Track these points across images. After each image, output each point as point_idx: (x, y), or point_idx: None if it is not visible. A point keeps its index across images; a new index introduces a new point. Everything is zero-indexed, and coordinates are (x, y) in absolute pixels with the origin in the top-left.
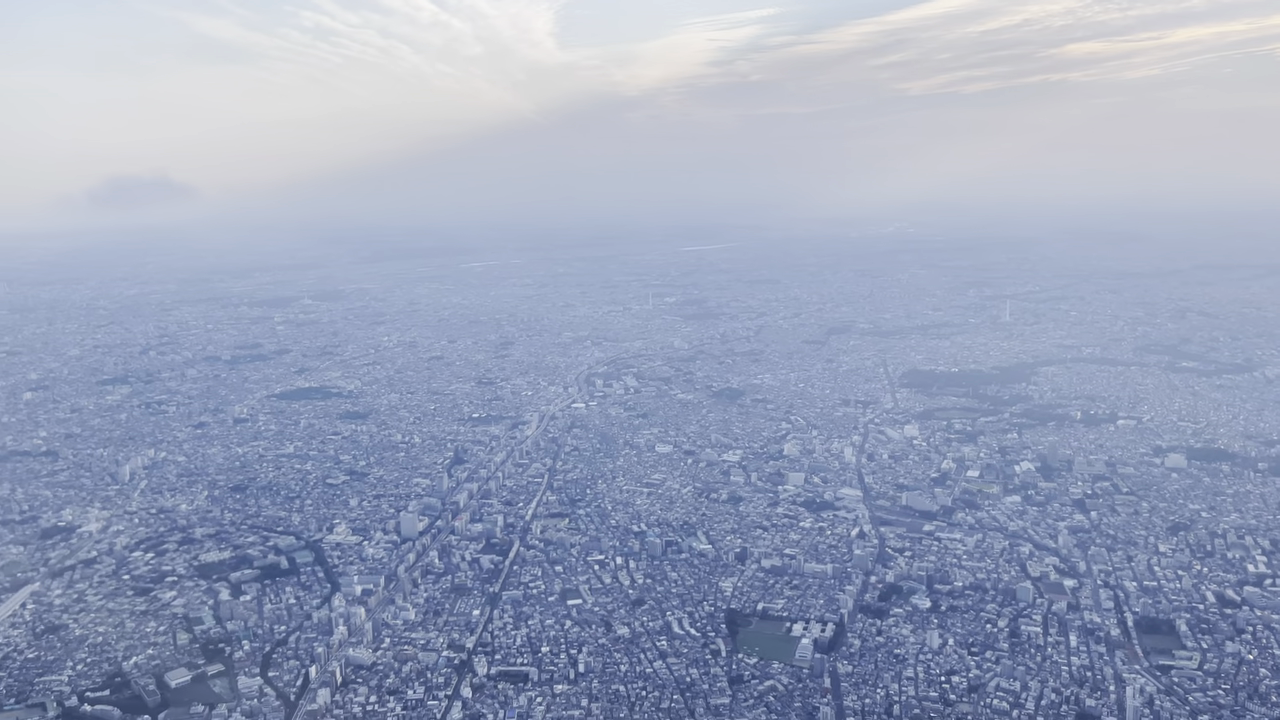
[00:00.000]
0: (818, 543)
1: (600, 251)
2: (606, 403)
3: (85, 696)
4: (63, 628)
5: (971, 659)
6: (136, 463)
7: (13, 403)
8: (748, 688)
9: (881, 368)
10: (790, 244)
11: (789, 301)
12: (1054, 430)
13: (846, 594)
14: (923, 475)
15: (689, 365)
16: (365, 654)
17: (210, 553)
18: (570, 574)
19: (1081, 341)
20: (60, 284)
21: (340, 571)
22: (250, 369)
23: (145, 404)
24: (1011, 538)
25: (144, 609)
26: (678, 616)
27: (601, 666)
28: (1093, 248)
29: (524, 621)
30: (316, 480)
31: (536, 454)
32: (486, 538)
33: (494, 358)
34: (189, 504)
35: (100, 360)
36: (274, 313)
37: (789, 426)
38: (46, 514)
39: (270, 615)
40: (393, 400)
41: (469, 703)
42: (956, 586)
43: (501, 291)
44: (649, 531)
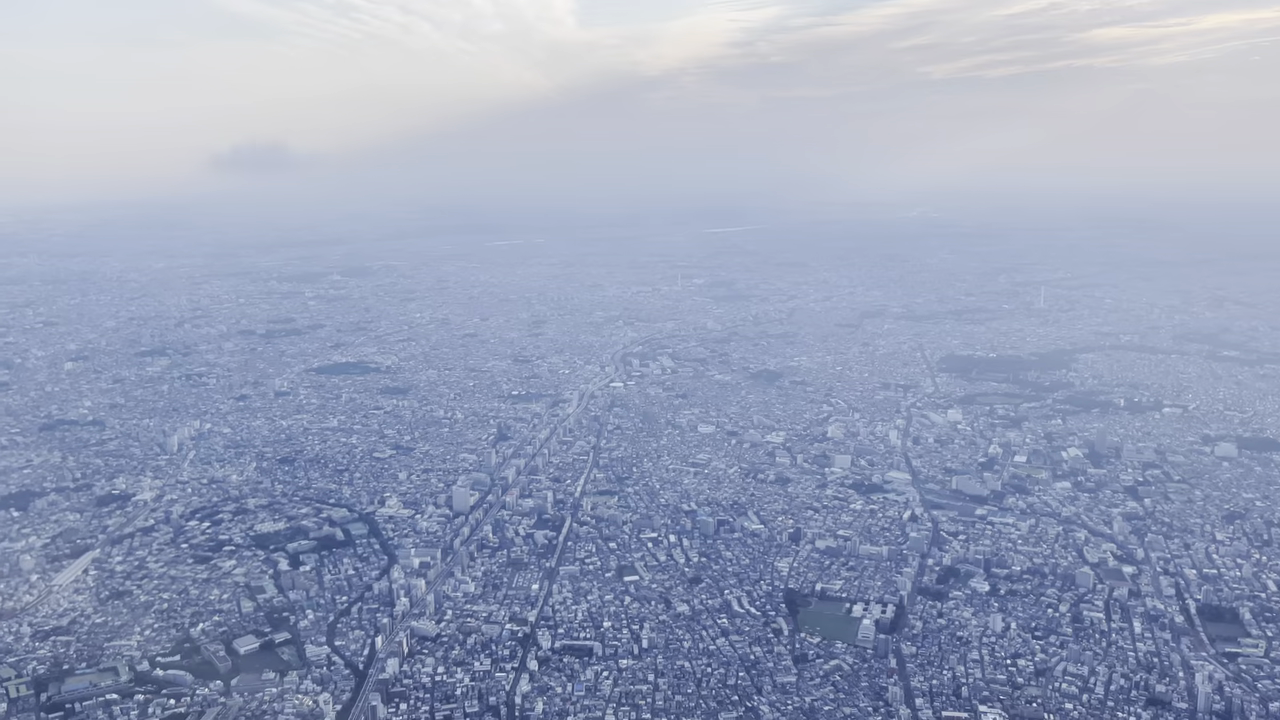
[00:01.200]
0: (870, 525)
1: (623, 232)
2: (645, 382)
3: (156, 662)
4: (127, 594)
5: (1036, 643)
6: (184, 433)
7: (55, 373)
8: (812, 666)
9: (918, 352)
10: (814, 227)
11: (818, 285)
12: (1098, 417)
13: (904, 576)
14: (970, 460)
15: (724, 346)
16: (429, 625)
17: (265, 523)
18: (624, 551)
19: (1119, 329)
20: (88, 256)
21: (396, 544)
22: (285, 343)
23: (185, 376)
24: (1065, 523)
25: (206, 577)
26: (736, 595)
27: (664, 642)
28: (1121, 235)
29: (583, 597)
30: (363, 454)
31: (579, 432)
32: (538, 513)
33: (528, 336)
34: (239, 475)
35: (136, 332)
36: (304, 288)
37: (830, 409)
38: (100, 482)
39: (331, 585)
40: (431, 376)
41: (536, 675)
42: (1014, 571)
43: (528, 270)
44: (699, 510)
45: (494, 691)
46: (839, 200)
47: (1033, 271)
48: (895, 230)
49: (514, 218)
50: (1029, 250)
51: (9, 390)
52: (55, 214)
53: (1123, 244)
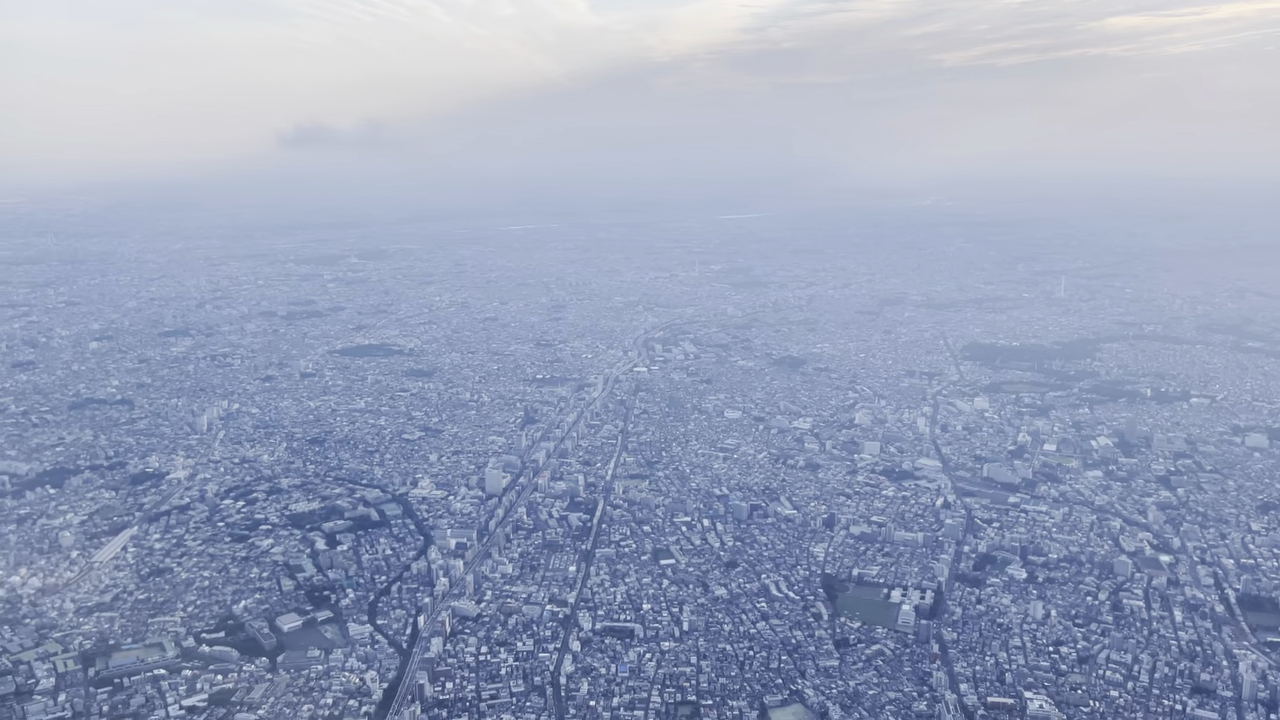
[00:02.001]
0: (903, 511)
1: (637, 217)
2: (668, 367)
3: (201, 638)
4: (168, 571)
5: (1077, 630)
6: (213, 413)
7: (80, 352)
8: (854, 651)
9: (941, 340)
10: (828, 214)
11: (836, 272)
12: (1125, 407)
13: (941, 562)
14: (999, 447)
15: (745, 333)
16: (470, 605)
17: (299, 503)
18: (659, 534)
19: (1141, 319)
20: (105, 236)
21: (431, 525)
22: (307, 325)
23: (210, 356)
24: (1099, 512)
25: (244, 555)
26: (774, 579)
27: (705, 625)
28: (1138, 225)
29: (621, 579)
30: (392, 435)
31: (606, 415)
32: (570, 496)
33: (548, 320)
34: (270, 455)
35: (158, 312)
36: (322, 270)
37: (856, 396)
38: (133, 460)
39: (369, 565)
40: (455, 359)
41: (579, 656)
42: (1051, 558)
43: (544, 255)
44: (731, 495)
45: (538, 671)
46: (852, 188)
47: (1051, 261)
48: (910, 218)
49: (526, 203)
50: (1046, 239)
51: (36, 369)
52: (69, 195)
53: (1140, 233)
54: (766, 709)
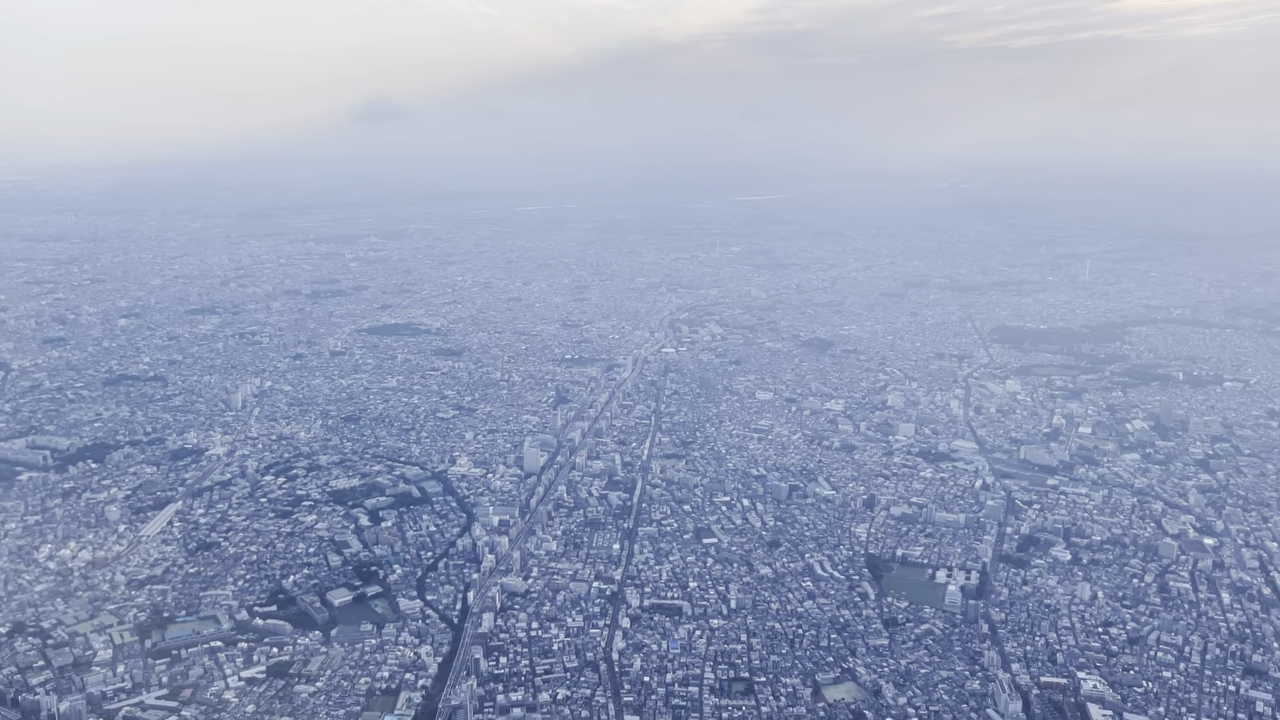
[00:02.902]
0: (942, 492)
1: (653, 198)
2: (696, 348)
3: (254, 611)
4: (215, 545)
5: (1126, 611)
6: (246, 390)
7: (110, 329)
8: (903, 630)
9: (968, 322)
10: (845, 196)
11: (857, 254)
12: (1158, 391)
13: (984, 543)
14: (1034, 430)
15: (770, 314)
16: (517, 582)
17: (339, 479)
18: (699, 513)
19: (1168, 303)
20: (124, 215)
21: (473, 502)
22: (332, 304)
23: (238, 334)
24: (1139, 495)
25: (289, 530)
26: (817, 559)
27: (752, 603)
28: (1159, 209)
29: (665, 557)
30: (427, 414)
31: (638, 396)
32: (609, 475)
33: (572, 300)
34: (306, 432)
35: (183, 290)
36: (343, 249)
37: (886, 378)
38: (171, 436)
39: (414, 541)
40: (482, 339)
41: (629, 632)
42: (1094, 540)
43: (563, 236)
44: (769, 475)
45: (590, 647)
46: (865, 170)
47: (1073, 244)
48: (927, 201)
49: (539, 183)
50: (1066, 222)
51: (67, 345)
52: (85, 173)
53: (1161, 217)
54: (819, 686)
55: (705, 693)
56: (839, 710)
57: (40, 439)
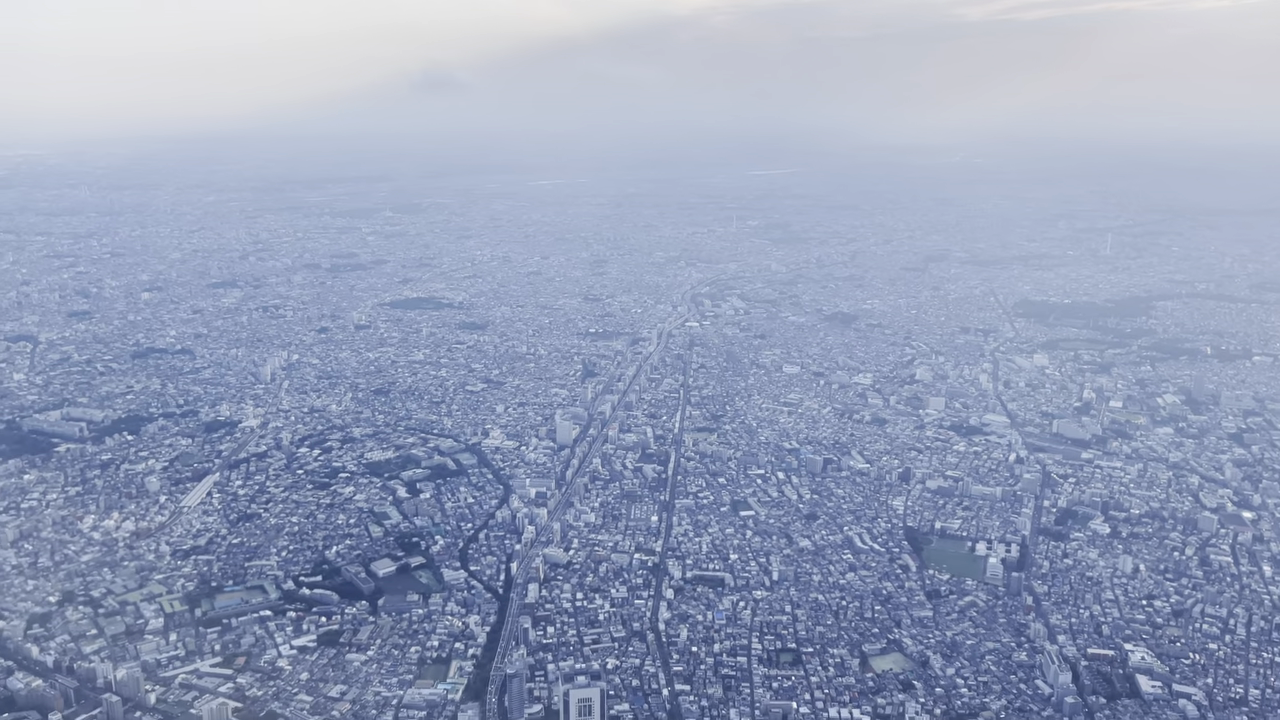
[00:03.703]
0: (977, 466)
1: (666, 173)
2: (719, 322)
3: (300, 581)
4: (256, 516)
5: (1169, 584)
6: (274, 363)
7: (134, 302)
8: (947, 602)
9: (991, 297)
10: (859, 170)
11: (875, 228)
12: (1187, 365)
13: (1023, 516)
14: (1064, 404)
15: (792, 288)
16: (559, 553)
17: (374, 452)
18: (734, 486)
19: (1192, 277)
20: (137, 189)
21: (508, 474)
22: (353, 277)
23: (261, 308)
24: (1175, 469)
25: (329, 502)
26: (856, 531)
27: (794, 575)
28: (1175, 183)
29: (704, 530)
30: (455, 387)
31: (665, 370)
32: (641, 448)
33: (591, 275)
34: (338, 405)
35: (203, 264)
36: (359, 224)
37: (913, 352)
38: (204, 409)
39: (453, 513)
40: (505, 313)
41: (673, 603)
42: (1132, 514)
43: (578, 210)
44: (802, 449)
45: (636, 617)
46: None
47: (1091, 218)
48: (941, 175)
49: (550, 157)
50: (1082, 196)
51: (93, 319)
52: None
53: (1179, 191)
54: (866, 657)
55: (754, 663)
56: (888, 680)
57: (74, 411)
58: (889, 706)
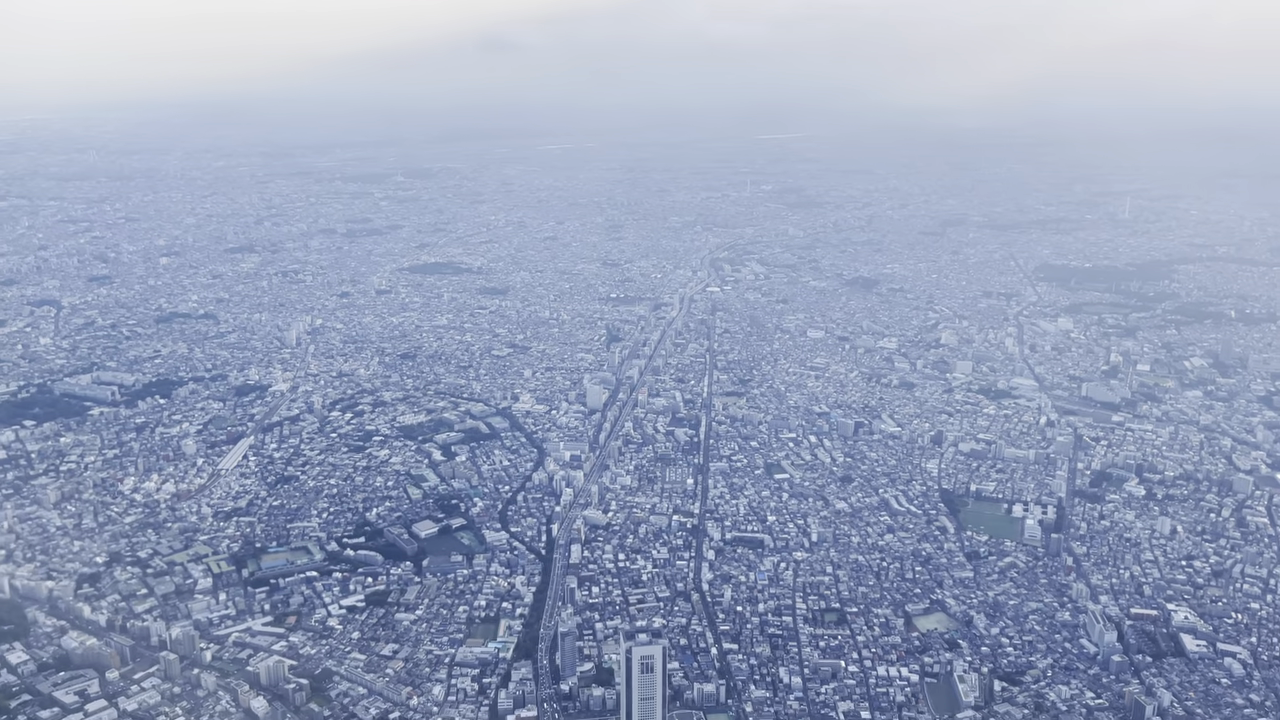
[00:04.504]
0: (1008, 429)
1: (674, 137)
2: (740, 287)
3: (343, 542)
4: (294, 479)
5: (1207, 545)
6: (299, 328)
7: (152, 267)
8: (987, 563)
9: (1011, 261)
10: (869, 135)
11: (890, 192)
12: (1212, 328)
13: (1057, 479)
14: (1092, 367)
15: (810, 253)
16: (599, 515)
17: (406, 415)
18: (767, 449)
19: (1212, 241)
20: (147, 154)
21: (541, 438)
22: (369, 243)
23: (280, 273)
24: (1206, 431)
25: (365, 465)
26: (892, 494)
27: (833, 537)
28: (1189, 148)
29: (739, 492)
30: (482, 352)
31: (689, 335)
32: (672, 412)
33: (608, 240)
34: (365, 369)
35: (218, 229)
36: (371, 189)
37: (936, 316)
38: (232, 373)
39: (489, 475)
40: (525, 278)
41: (715, 564)
42: (1167, 476)
43: (590, 175)
44: (832, 413)
45: (679, 578)
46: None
47: (1107, 182)
48: (952, 140)
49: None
50: (1096, 161)
51: (113, 283)
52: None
53: (1194, 156)
54: (910, 617)
55: (799, 622)
56: (933, 640)
57: (104, 375)
58: (936, 665)
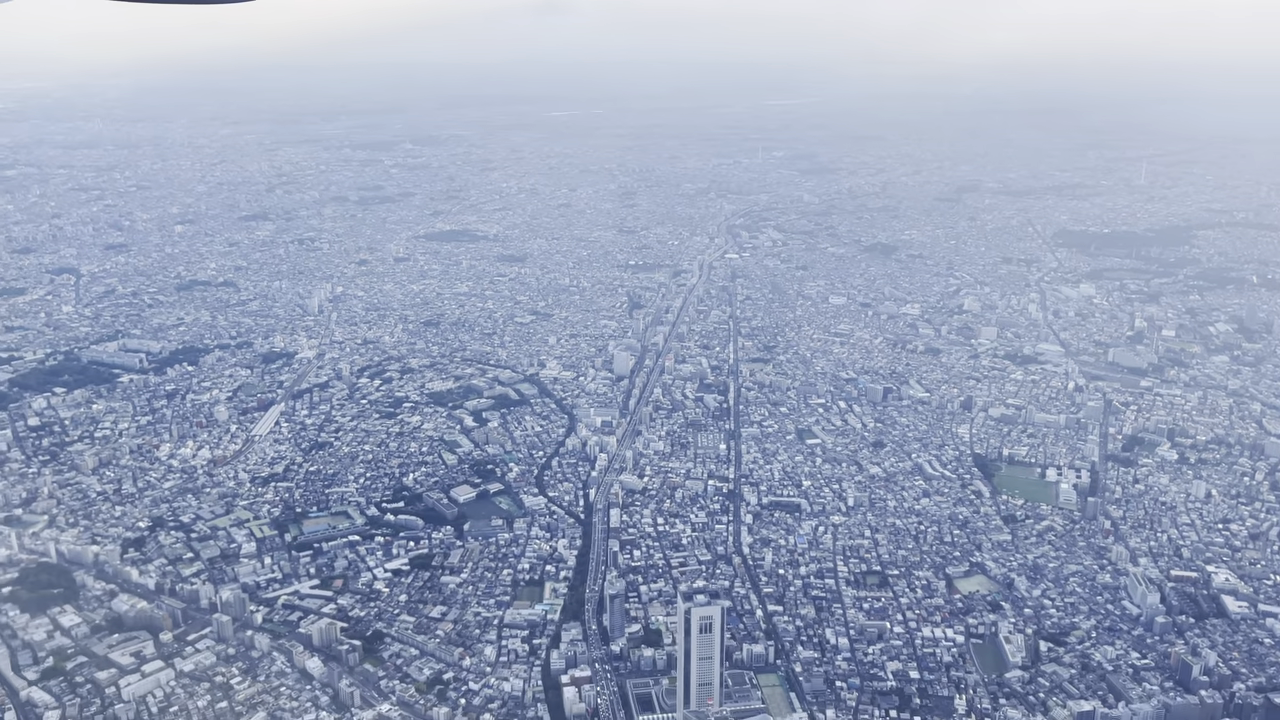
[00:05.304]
0: (1036, 394)
1: (680, 104)
2: (759, 254)
3: (383, 507)
4: (328, 445)
5: (1244, 509)
6: (321, 296)
7: (168, 235)
8: (1024, 527)
9: (1029, 227)
10: (876, 101)
11: (903, 158)
12: (1234, 293)
13: (1089, 443)
14: (1116, 333)
15: (826, 220)
16: (634, 480)
17: (434, 382)
18: (796, 415)
19: (1230, 206)
20: (152, 121)
21: (570, 404)
22: (383, 210)
23: (297, 241)
24: (1235, 396)
25: (398, 431)
26: (925, 459)
27: (869, 501)
28: (1201, 110)
29: (772, 457)
30: (504, 319)
31: (710, 301)
32: (699, 378)
33: (622, 207)
34: (390, 336)
35: (230, 197)
36: (380, 156)
37: (957, 282)
38: (257, 340)
39: (522, 441)
40: (542, 246)
41: (753, 528)
42: (1198, 440)
43: (599, 142)
44: (860, 379)
45: (718, 541)
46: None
47: (1121, 147)
48: (959, 105)
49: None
50: (1110, 125)
51: (130, 251)
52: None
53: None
54: (951, 580)
55: (842, 585)
56: (975, 602)
57: (131, 342)
58: (980, 626)
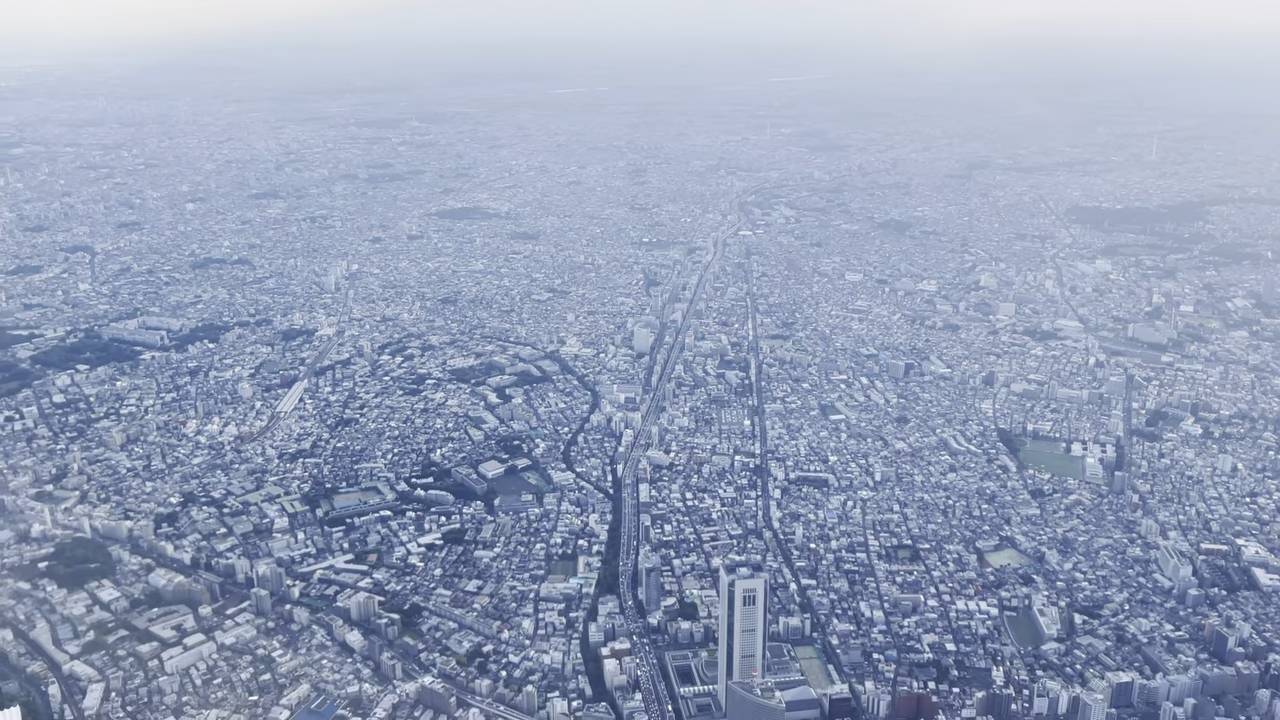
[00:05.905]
0: (1058, 370)
1: (684, 80)
2: (772, 231)
3: (412, 482)
4: (353, 421)
5: (1271, 482)
6: (337, 273)
7: (180, 213)
8: (1052, 501)
9: (1041, 203)
10: (882, 78)
11: (911, 135)
12: (1250, 269)
13: (1113, 418)
14: (1134, 309)
15: (838, 196)
16: (661, 455)
17: (455, 359)
18: (819, 391)
19: (1241, 182)
20: (155, 99)
21: (593, 380)
22: (393, 188)
23: (308, 218)
24: (1256, 371)
25: (422, 407)
26: (950, 434)
27: (896, 476)
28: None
29: (797, 433)
30: (521, 296)
31: (726, 278)
32: (720, 355)
33: (632, 185)
34: (409, 313)
35: (239, 175)
36: (387, 134)
37: (972, 259)
38: (276, 318)
39: (547, 417)
40: (554, 223)
41: (782, 502)
42: (1222, 415)
43: (604, 119)
44: (880, 354)
45: (748, 515)
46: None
47: (1131, 124)
48: (965, 81)
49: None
50: (1118, 102)
51: (143, 229)
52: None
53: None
54: (982, 553)
55: (873, 558)
56: (1007, 575)
57: (150, 320)
58: (1014, 599)
